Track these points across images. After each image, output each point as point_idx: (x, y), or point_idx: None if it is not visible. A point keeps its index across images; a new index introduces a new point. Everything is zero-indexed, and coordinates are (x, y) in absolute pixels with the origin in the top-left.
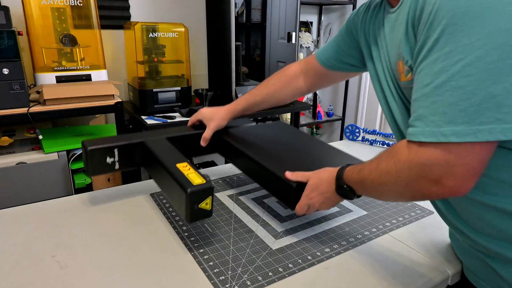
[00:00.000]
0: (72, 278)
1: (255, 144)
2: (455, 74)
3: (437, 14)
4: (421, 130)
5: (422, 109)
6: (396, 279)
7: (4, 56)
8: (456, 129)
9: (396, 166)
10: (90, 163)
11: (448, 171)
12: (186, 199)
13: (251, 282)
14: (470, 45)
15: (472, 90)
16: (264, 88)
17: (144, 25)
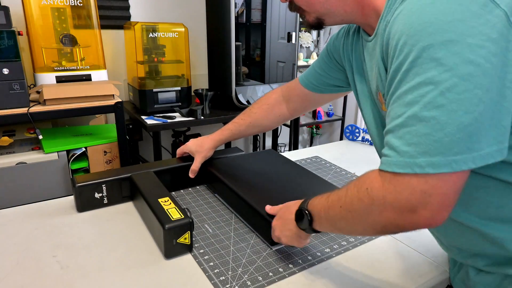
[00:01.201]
0: (73, 278)
1: (239, 176)
2: (427, 104)
3: (403, 47)
4: (395, 161)
5: (395, 140)
6: (396, 279)
7: (4, 56)
8: (432, 160)
9: (369, 193)
10: (79, 199)
11: (424, 201)
12: (163, 234)
13: (252, 282)
14: (438, 77)
15: (445, 121)
16: (247, 117)
17: (144, 25)
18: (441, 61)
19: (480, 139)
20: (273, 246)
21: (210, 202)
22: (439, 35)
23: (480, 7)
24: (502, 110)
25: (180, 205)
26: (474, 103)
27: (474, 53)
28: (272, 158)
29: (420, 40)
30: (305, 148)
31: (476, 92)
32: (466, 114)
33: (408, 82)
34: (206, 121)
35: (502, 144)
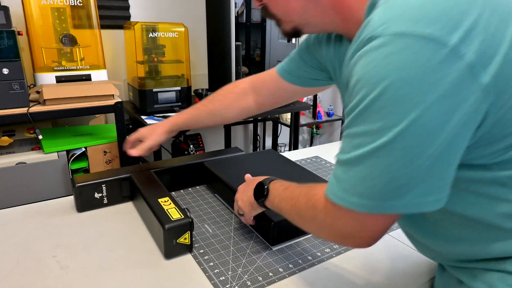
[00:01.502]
0: (73, 278)
1: (240, 176)
2: (367, 153)
3: (359, 91)
4: (335, 192)
5: (339, 171)
6: (396, 279)
7: (4, 56)
8: (364, 202)
9: (314, 210)
10: (79, 199)
11: (355, 233)
12: (163, 234)
13: (252, 282)
14: (381, 130)
15: (380, 171)
16: (209, 104)
17: (144, 25)
18: (386, 117)
19: (412, 189)
20: (273, 246)
21: (210, 202)
22: (389, 91)
23: (440, 61)
24: (445, 163)
25: (180, 205)
26: (410, 159)
27: (421, 112)
28: (272, 158)
29: (372, 91)
30: (305, 148)
31: (414, 150)
32: (399, 168)
33: (357, 125)
34: None
35: (439, 194)
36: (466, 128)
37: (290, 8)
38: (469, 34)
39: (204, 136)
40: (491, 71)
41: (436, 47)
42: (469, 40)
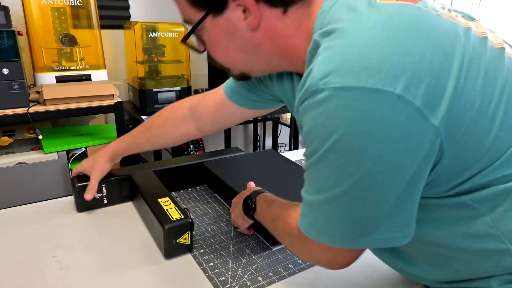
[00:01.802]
0: (73, 278)
1: (240, 176)
2: (329, 200)
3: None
4: (305, 227)
5: (306, 210)
6: (396, 279)
7: (4, 56)
8: (332, 239)
9: (291, 238)
10: (79, 199)
11: (328, 260)
12: (163, 234)
13: (252, 282)
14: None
15: (342, 214)
16: (147, 132)
17: (144, 25)
18: (341, 168)
19: (377, 228)
20: (273, 246)
21: (210, 202)
22: (341, 144)
23: (388, 110)
24: (408, 202)
25: (180, 205)
26: (370, 204)
27: (376, 161)
28: (272, 158)
29: (324, 144)
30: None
31: (374, 195)
32: (362, 211)
33: (316, 172)
34: None
35: (406, 230)
36: (423, 168)
37: (232, 59)
38: (413, 79)
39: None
40: (441, 111)
41: (381, 97)
42: (414, 85)
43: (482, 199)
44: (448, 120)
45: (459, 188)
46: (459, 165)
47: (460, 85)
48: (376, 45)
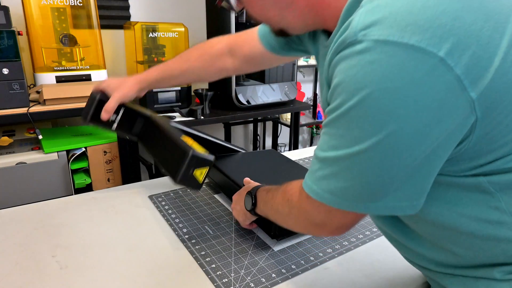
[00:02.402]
0: (72, 278)
1: (243, 171)
2: (344, 157)
3: (339, 95)
4: (311, 185)
5: (316, 167)
6: (396, 279)
7: (4, 56)
8: (336, 199)
9: (289, 204)
10: (92, 110)
11: (326, 222)
12: (186, 159)
13: (255, 284)
14: (358, 138)
15: (354, 175)
16: (184, 63)
17: (144, 25)
18: (364, 125)
19: (386, 195)
20: (275, 247)
21: (209, 203)
22: (369, 100)
23: (426, 72)
24: (423, 173)
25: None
26: (386, 168)
27: (401, 123)
28: (274, 158)
29: (351, 99)
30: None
31: (391, 159)
32: (374, 176)
33: (335, 128)
34: (206, 121)
35: (415, 201)
36: (449, 142)
37: (268, 16)
38: (459, 45)
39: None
40: (481, 85)
41: (422, 58)
42: (459, 51)
43: (501, 184)
44: (487, 96)
45: (478, 169)
46: (485, 145)
47: (507, 62)
48: (427, 2)
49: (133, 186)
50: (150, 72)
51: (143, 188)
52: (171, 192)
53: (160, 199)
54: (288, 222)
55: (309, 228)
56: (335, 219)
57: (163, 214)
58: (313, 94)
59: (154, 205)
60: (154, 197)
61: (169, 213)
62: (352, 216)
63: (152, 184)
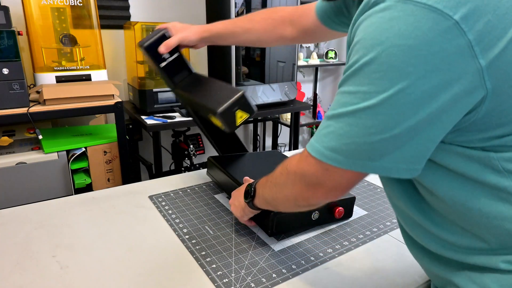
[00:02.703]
0: (73, 278)
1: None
2: (351, 113)
3: (356, 52)
4: (312, 144)
5: (322, 126)
6: (396, 279)
7: (4, 56)
8: (336, 157)
9: (287, 169)
10: (153, 40)
11: (322, 181)
12: (236, 95)
13: (255, 284)
14: (367, 94)
15: (357, 132)
16: (248, 23)
17: (144, 25)
18: (375, 81)
19: (385, 154)
20: (275, 247)
21: (209, 203)
22: (383, 56)
23: (440, 33)
24: (424, 137)
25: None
26: (389, 126)
27: (410, 82)
28: (276, 158)
29: (366, 54)
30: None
31: (395, 118)
32: (377, 133)
33: (348, 85)
34: None
35: (412, 164)
36: (454, 109)
37: None
38: (475, 12)
39: (204, 136)
40: (491, 54)
41: (438, 19)
42: (474, 17)
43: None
44: (498, 66)
45: (487, 142)
46: (494, 118)
47: None
48: None
49: (133, 186)
50: (215, 25)
51: (143, 188)
52: (171, 192)
53: (160, 199)
54: (284, 192)
55: (304, 193)
56: (331, 178)
57: (163, 214)
58: (313, 94)
59: (154, 205)
60: (154, 197)
61: (169, 213)
62: (349, 176)
63: (152, 184)
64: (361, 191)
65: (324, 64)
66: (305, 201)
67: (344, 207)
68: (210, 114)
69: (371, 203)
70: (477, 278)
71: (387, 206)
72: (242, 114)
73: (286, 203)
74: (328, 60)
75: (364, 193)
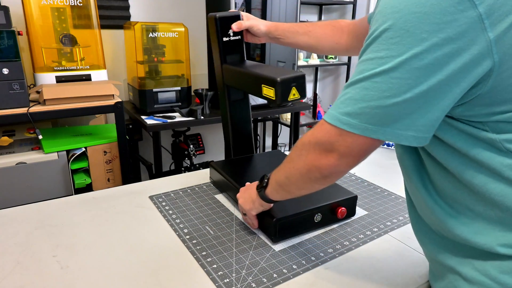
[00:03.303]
0: (73, 278)
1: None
2: (367, 78)
3: (376, 20)
4: (329, 112)
5: (340, 95)
6: (396, 279)
7: (4, 56)
8: (350, 121)
9: (302, 140)
10: (227, 15)
11: (334, 146)
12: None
13: (256, 284)
14: (383, 59)
15: (372, 96)
16: (310, 25)
17: (144, 25)
18: (391, 47)
19: (396, 120)
20: (276, 247)
21: (210, 203)
22: (400, 23)
23: (453, 4)
24: (434, 105)
25: None
26: (402, 90)
27: (424, 48)
28: (279, 158)
29: (385, 22)
30: None
31: (409, 82)
32: (390, 97)
33: (366, 53)
34: (206, 121)
35: (420, 133)
36: (464, 77)
37: None
38: None
39: (204, 136)
40: (500, 29)
41: None
42: None
43: None
44: (505, 41)
45: (491, 117)
46: (499, 93)
47: None
48: None
49: (133, 186)
50: (281, 23)
51: (143, 188)
52: (172, 192)
53: (160, 199)
54: (297, 166)
55: (317, 161)
56: (344, 143)
57: (164, 215)
58: (313, 94)
59: (154, 205)
60: (154, 197)
61: (170, 214)
62: (362, 142)
63: (152, 184)
64: (361, 191)
65: (324, 64)
66: (318, 171)
67: (346, 207)
68: (266, 84)
69: (371, 203)
70: (480, 265)
71: (387, 206)
72: (295, 92)
73: (299, 180)
74: (328, 60)
75: (364, 193)
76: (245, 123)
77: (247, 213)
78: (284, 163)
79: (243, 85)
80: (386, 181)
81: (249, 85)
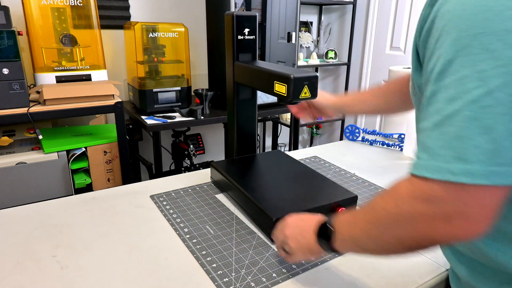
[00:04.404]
0: (73, 278)
1: (247, 176)
2: (471, 103)
3: (450, 31)
4: (426, 164)
5: (429, 140)
6: (396, 279)
7: (4, 56)
8: (467, 168)
9: (396, 202)
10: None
11: (459, 210)
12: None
13: (255, 283)
14: (489, 72)
15: (491, 124)
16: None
17: (144, 25)
18: (495, 54)
19: None
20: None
21: (210, 203)
22: (498, 22)
23: None
24: None
25: None
26: None
27: None
28: (279, 158)
29: (473, 26)
30: (305, 148)
31: None
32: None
33: (452, 74)
34: (206, 121)
35: None
36: None
37: None
38: None
39: (204, 136)
40: None
41: None
42: None
43: None
44: None
45: None
46: None
47: None
48: None
49: (133, 186)
50: (346, 97)
51: (143, 188)
52: (173, 192)
53: (161, 199)
54: (396, 233)
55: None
56: (470, 203)
57: (165, 214)
58: None
59: (155, 204)
60: (155, 196)
61: (170, 213)
62: (494, 194)
63: (152, 184)
64: (361, 191)
65: (324, 64)
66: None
67: (346, 207)
68: (278, 81)
69: None
70: None
71: None
72: (307, 91)
73: (392, 246)
74: (328, 60)
75: (364, 193)
76: (251, 122)
77: (297, 257)
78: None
79: (254, 82)
80: (386, 181)
81: (261, 82)
